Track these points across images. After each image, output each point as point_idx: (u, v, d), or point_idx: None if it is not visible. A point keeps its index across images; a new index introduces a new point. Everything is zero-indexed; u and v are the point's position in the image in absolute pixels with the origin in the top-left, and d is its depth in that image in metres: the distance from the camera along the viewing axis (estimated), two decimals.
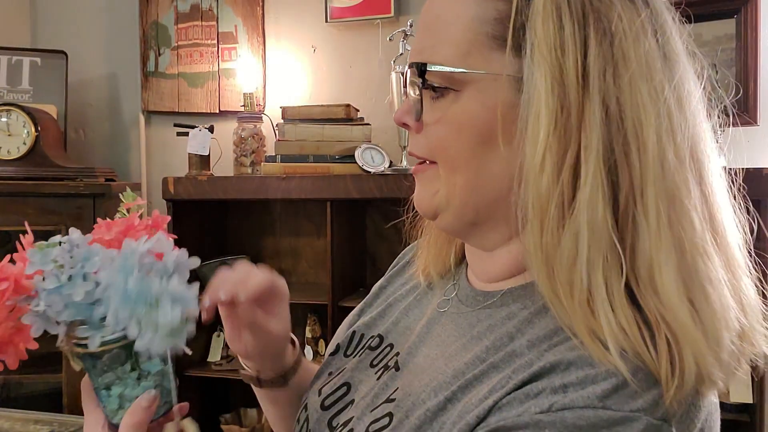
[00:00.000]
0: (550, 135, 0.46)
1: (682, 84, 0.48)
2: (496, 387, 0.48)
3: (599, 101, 0.46)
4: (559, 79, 0.46)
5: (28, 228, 0.58)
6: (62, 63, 2.17)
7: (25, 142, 1.96)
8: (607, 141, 0.46)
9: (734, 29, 1.69)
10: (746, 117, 1.66)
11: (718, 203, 0.50)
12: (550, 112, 0.46)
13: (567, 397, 0.43)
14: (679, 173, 0.46)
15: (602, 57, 0.46)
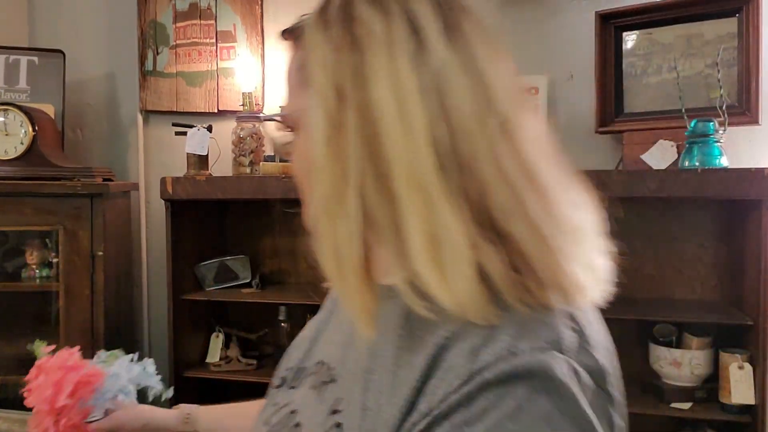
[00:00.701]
0: (324, 153, 0.52)
1: (445, 76, 0.50)
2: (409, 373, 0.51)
3: (355, 109, 0.51)
4: (324, 98, 0.52)
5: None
6: (60, 62, 2.16)
7: (23, 142, 1.95)
8: (365, 148, 0.51)
9: (736, 28, 1.68)
10: (748, 116, 1.65)
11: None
12: (320, 129, 0.52)
13: (480, 360, 0.46)
14: (426, 166, 0.49)
15: (351, 69, 0.51)
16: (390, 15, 0.52)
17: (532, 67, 1.94)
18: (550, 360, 0.46)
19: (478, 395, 0.45)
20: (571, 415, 0.45)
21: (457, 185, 0.49)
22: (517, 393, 0.45)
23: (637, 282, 1.84)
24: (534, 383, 0.45)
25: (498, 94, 0.52)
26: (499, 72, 0.53)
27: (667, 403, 1.62)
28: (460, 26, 0.53)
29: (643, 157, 1.71)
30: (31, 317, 2.22)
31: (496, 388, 0.45)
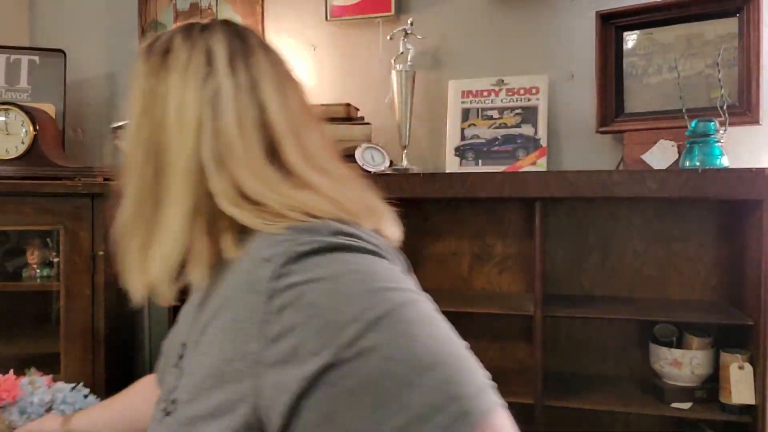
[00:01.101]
0: (129, 156, 0.73)
1: (221, 94, 0.68)
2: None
3: (150, 120, 0.70)
4: (133, 114, 0.73)
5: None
6: (61, 62, 2.16)
7: (24, 142, 1.95)
8: (151, 149, 0.69)
9: (736, 28, 1.68)
10: (748, 116, 1.65)
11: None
12: (127, 138, 0.72)
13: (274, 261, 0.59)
14: (194, 161, 0.67)
15: (154, 89, 0.71)
16: (194, 48, 0.70)
17: (532, 67, 1.94)
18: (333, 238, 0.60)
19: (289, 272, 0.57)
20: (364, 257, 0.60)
21: (220, 173, 0.65)
22: (318, 260, 0.58)
23: (637, 282, 1.84)
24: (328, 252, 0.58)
25: (271, 110, 0.69)
26: (278, 94, 0.70)
27: (668, 403, 1.62)
28: (245, 60, 0.70)
29: (644, 157, 1.71)
30: (31, 317, 2.22)
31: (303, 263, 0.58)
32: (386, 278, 0.58)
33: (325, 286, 0.55)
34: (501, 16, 1.99)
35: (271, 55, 0.74)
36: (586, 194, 1.57)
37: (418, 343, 0.52)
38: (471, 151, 1.92)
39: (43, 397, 1.52)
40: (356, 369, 0.51)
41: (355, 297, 0.54)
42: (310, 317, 0.54)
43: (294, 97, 0.73)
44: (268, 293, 0.56)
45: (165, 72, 0.69)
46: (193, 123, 0.66)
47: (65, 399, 1.56)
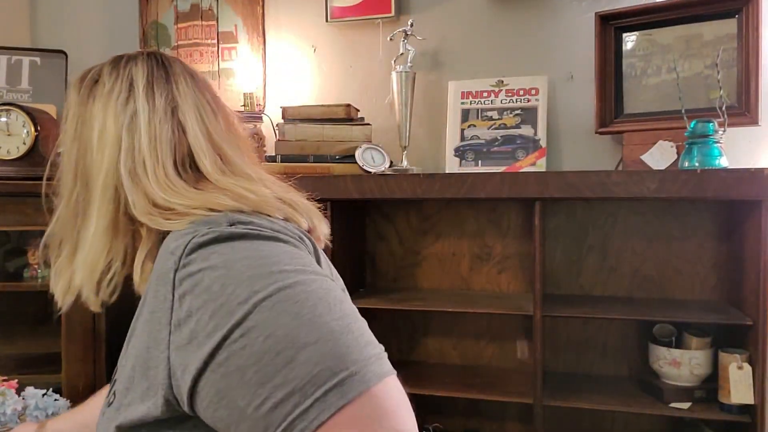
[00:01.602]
0: (62, 173, 0.83)
1: (138, 116, 0.76)
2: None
3: (78, 141, 0.79)
4: (65, 138, 0.82)
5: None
6: (62, 62, 2.17)
7: (25, 142, 1.95)
8: (78, 167, 0.80)
9: (735, 29, 1.68)
10: (747, 117, 1.65)
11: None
12: (63, 159, 0.82)
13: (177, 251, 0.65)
14: (112, 176, 0.76)
15: (82, 116, 0.79)
16: (118, 78, 0.79)
17: (532, 68, 1.95)
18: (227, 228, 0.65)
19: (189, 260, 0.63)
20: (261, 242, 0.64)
21: (135, 187, 0.73)
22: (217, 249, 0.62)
23: (637, 282, 1.85)
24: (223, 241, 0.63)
25: (189, 128, 0.77)
26: (197, 114, 0.79)
27: (667, 403, 1.62)
28: (165, 86, 0.79)
29: (643, 157, 1.71)
30: (32, 317, 2.23)
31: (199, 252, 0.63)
32: (279, 261, 0.61)
33: (219, 272, 0.59)
34: (500, 17, 2.00)
35: (197, 83, 0.83)
36: (586, 195, 1.57)
37: (300, 320, 0.56)
38: (471, 152, 1.93)
39: (16, 406, 1.61)
40: (243, 348, 0.56)
41: (245, 281, 0.58)
42: (206, 302, 0.58)
43: (217, 116, 0.82)
44: (173, 283, 0.62)
45: (92, 100, 0.78)
46: (112, 143, 0.75)
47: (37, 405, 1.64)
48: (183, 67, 0.84)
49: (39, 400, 1.65)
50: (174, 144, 0.76)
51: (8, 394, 1.66)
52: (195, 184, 0.74)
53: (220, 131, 0.81)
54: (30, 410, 1.64)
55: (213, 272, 0.60)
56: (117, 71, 0.80)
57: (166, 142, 0.75)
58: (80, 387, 1.97)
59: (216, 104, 0.83)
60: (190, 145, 0.77)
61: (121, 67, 0.81)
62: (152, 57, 0.83)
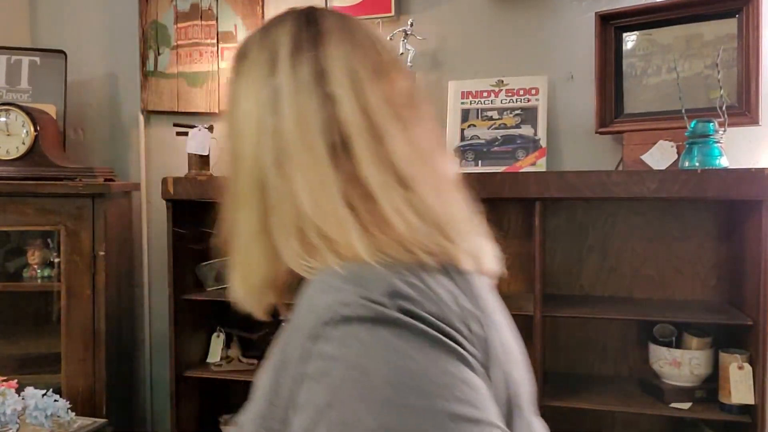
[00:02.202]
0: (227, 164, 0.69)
1: (281, 92, 0.61)
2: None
3: (229, 122, 0.66)
4: (223, 119, 0.69)
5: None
6: (61, 62, 2.17)
7: (24, 142, 1.95)
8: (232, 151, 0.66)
9: (736, 29, 1.68)
10: (748, 117, 1.65)
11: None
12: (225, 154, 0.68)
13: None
14: (263, 165, 0.61)
15: (231, 95, 0.67)
16: (261, 47, 0.65)
17: (532, 68, 1.95)
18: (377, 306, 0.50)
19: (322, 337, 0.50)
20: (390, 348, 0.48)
21: (282, 176, 0.60)
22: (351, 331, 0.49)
23: (637, 282, 1.84)
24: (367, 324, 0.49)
25: (341, 104, 0.60)
26: (352, 84, 0.61)
27: (667, 403, 1.62)
28: (312, 49, 0.62)
29: (643, 157, 1.71)
30: (32, 317, 2.23)
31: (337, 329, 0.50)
32: (429, 390, 0.47)
33: (352, 375, 0.47)
34: (501, 17, 2.00)
35: (355, 38, 0.64)
36: (586, 194, 1.57)
37: None
38: (471, 152, 1.93)
39: (16, 407, 1.62)
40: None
41: (378, 405, 0.46)
42: (328, 405, 0.48)
43: (381, 85, 0.62)
44: (302, 353, 0.51)
45: (237, 77, 0.66)
46: (255, 129, 0.62)
47: (37, 405, 1.63)
48: (339, 21, 0.66)
49: (39, 401, 1.65)
50: (326, 122, 0.59)
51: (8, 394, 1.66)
52: (350, 185, 0.58)
53: (384, 109, 0.61)
54: (30, 410, 1.64)
55: (346, 370, 0.48)
56: (263, 39, 0.65)
57: (315, 122, 0.59)
58: (80, 387, 1.97)
59: (381, 68, 0.64)
60: (340, 123, 0.59)
61: (268, 33, 0.66)
62: (301, 15, 0.66)
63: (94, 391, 1.97)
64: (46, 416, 1.64)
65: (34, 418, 1.63)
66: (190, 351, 2.01)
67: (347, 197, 0.57)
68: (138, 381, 2.36)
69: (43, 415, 1.64)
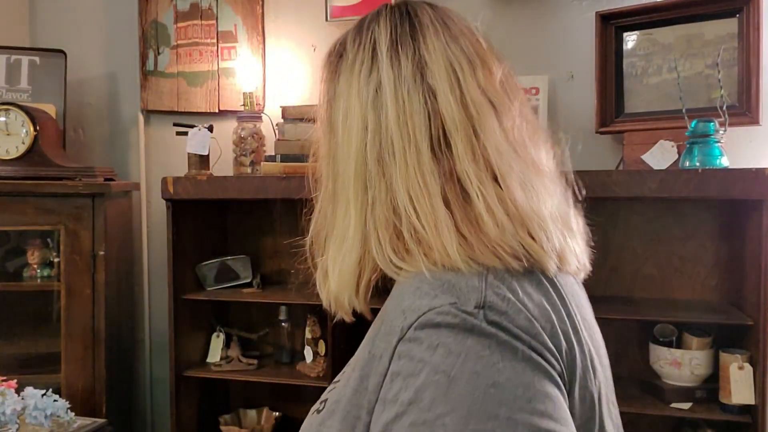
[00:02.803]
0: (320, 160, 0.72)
1: (383, 89, 0.62)
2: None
3: (326, 122, 0.69)
4: (319, 118, 0.71)
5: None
6: (61, 62, 2.17)
7: (24, 142, 1.95)
8: (329, 154, 0.68)
9: (736, 28, 1.68)
10: (748, 117, 1.65)
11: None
12: (320, 154, 0.71)
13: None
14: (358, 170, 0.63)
15: (329, 95, 0.68)
16: (360, 45, 0.65)
17: (532, 67, 1.95)
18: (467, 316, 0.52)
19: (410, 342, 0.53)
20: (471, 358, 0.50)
21: (380, 180, 0.61)
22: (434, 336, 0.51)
23: (637, 282, 1.84)
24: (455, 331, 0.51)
25: (440, 97, 0.61)
26: (450, 76, 0.62)
27: (667, 403, 1.62)
28: (412, 43, 0.63)
29: (644, 157, 1.71)
30: (32, 317, 2.22)
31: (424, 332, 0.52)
32: (513, 403, 0.49)
33: (438, 380, 0.50)
34: (501, 17, 1.99)
35: (451, 30, 0.65)
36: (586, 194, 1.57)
37: None
38: None
39: (15, 406, 1.62)
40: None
41: (461, 412, 0.48)
42: (411, 406, 0.50)
43: (478, 76, 0.63)
44: (394, 349, 0.54)
45: (336, 77, 0.67)
46: (358, 127, 0.63)
47: (36, 405, 1.64)
48: (434, 12, 0.67)
49: (38, 401, 1.65)
50: (428, 117, 0.60)
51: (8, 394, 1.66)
52: (448, 183, 0.59)
53: (479, 101, 0.61)
54: (29, 410, 1.64)
55: (432, 374, 0.50)
56: (360, 37, 0.66)
57: (417, 117, 0.60)
58: (80, 387, 1.97)
59: (479, 54, 0.65)
60: (442, 117, 0.60)
61: (364, 30, 0.67)
62: (396, 9, 0.67)
63: (94, 390, 1.97)
64: (45, 416, 1.64)
65: (34, 418, 1.63)
66: (190, 351, 2.01)
67: (446, 195, 0.58)
68: (138, 381, 2.36)
69: (42, 415, 1.64)
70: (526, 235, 0.57)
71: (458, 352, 0.50)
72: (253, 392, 2.13)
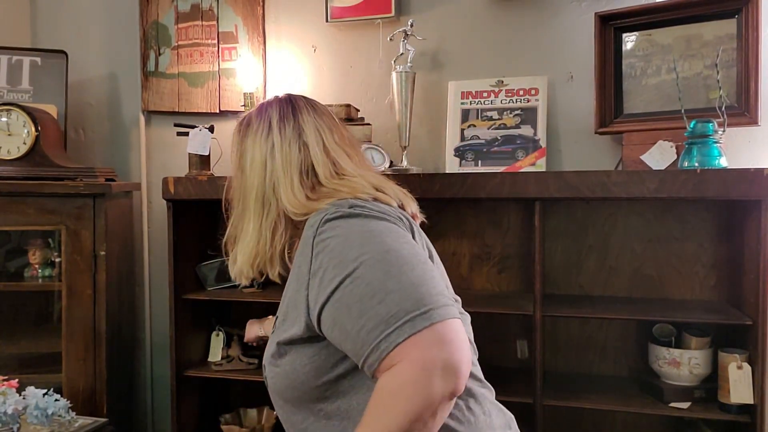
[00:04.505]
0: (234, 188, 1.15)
1: (275, 146, 1.07)
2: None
3: (239, 169, 1.12)
4: (234, 165, 1.15)
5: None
6: (62, 63, 2.17)
7: (25, 142, 1.96)
8: (240, 185, 1.11)
9: (735, 29, 1.68)
10: (747, 117, 1.66)
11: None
12: (234, 186, 1.14)
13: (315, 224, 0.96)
14: (260, 189, 1.08)
15: (241, 151, 1.12)
16: (261, 119, 1.10)
17: (532, 68, 1.95)
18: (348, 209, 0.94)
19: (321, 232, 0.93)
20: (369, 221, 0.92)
21: (276, 195, 1.06)
22: (336, 223, 0.92)
23: (637, 282, 1.85)
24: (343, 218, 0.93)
25: (311, 147, 1.07)
26: (316, 135, 1.08)
27: (666, 402, 1.62)
28: (293, 118, 1.09)
29: (643, 157, 1.72)
30: (33, 317, 2.23)
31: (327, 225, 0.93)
32: (381, 233, 0.88)
33: (340, 239, 0.88)
34: (500, 18, 2.00)
35: (316, 110, 1.12)
36: (585, 194, 1.57)
37: (389, 274, 0.82)
38: (471, 152, 1.93)
39: (17, 406, 1.65)
40: (351, 291, 0.83)
41: (357, 246, 0.86)
42: (330, 258, 0.87)
43: (332, 132, 1.11)
44: (312, 245, 0.91)
45: (245, 138, 1.10)
46: (259, 168, 1.06)
47: (38, 405, 1.66)
48: (305, 101, 1.13)
49: (39, 400, 1.65)
50: (301, 160, 1.05)
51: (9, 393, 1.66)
52: (311, 190, 1.04)
53: (333, 144, 1.09)
54: (30, 410, 1.64)
55: (336, 239, 0.89)
56: (260, 115, 1.10)
57: (294, 161, 1.05)
58: (80, 386, 1.98)
59: (332, 123, 1.12)
60: (312, 160, 1.06)
61: (263, 111, 1.11)
62: (283, 100, 1.12)
63: (95, 390, 1.98)
64: (46, 416, 1.65)
65: (35, 418, 1.64)
66: (191, 350, 2.01)
67: (309, 196, 1.03)
68: (138, 380, 2.37)
69: (43, 414, 1.64)
70: (379, 192, 1.02)
71: (346, 224, 0.90)
72: (254, 392, 2.13)
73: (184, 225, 1.96)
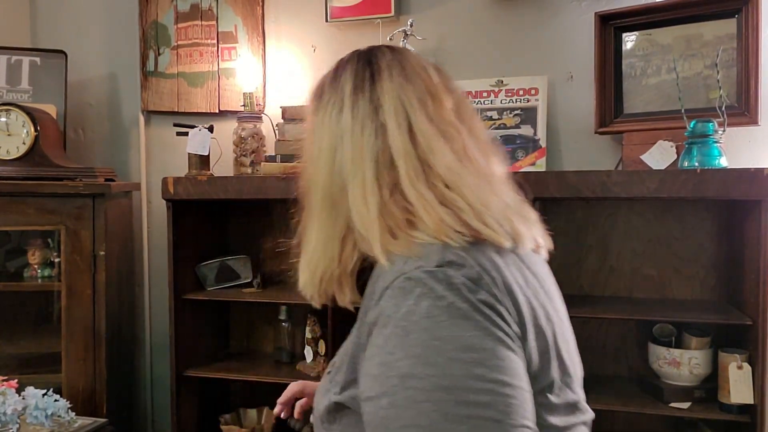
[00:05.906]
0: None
1: (345, 128, 0.77)
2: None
3: (308, 151, 0.83)
4: (308, 143, 0.84)
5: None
6: (62, 63, 2.17)
7: (25, 142, 1.95)
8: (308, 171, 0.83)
9: (735, 29, 1.68)
10: (747, 117, 1.65)
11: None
12: (304, 174, 0.84)
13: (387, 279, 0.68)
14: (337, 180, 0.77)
15: (311, 128, 0.83)
16: (333, 89, 0.81)
17: (532, 68, 1.95)
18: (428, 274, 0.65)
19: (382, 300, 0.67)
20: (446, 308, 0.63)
21: (343, 208, 0.76)
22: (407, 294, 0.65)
23: (637, 282, 1.85)
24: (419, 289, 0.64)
25: (389, 132, 0.74)
26: (398, 115, 0.75)
27: (666, 402, 1.62)
28: (369, 87, 0.78)
29: (643, 157, 1.71)
30: (33, 317, 2.23)
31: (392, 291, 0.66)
32: (453, 354, 0.61)
33: (398, 331, 0.64)
34: (500, 18, 2.00)
35: (406, 72, 0.80)
36: (586, 194, 1.57)
37: (448, 417, 0.59)
38: None
39: (16, 406, 1.64)
40: (384, 416, 0.63)
41: (412, 356, 0.62)
42: (378, 352, 0.65)
43: (422, 106, 0.76)
44: (379, 299, 0.67)
45: (316, 112, 0.82)
46: (326, 158, 0.77)
47: (37, 405, 1.65)
48: (392, 56, 0.82)
49: (39, 400, 1.65)
50: (377, 150, 0.74)
51: (9, 394, 1.66)
52: (390, 194, 0.73)
53: (424, 124, 0.75)
54: (30, 410, 1.64)
55: (394, 327, 0.64)
56: (335, 81, 0.82)
57: (368, 151, 0.74)
58: (80, 387, 1.97)
59: (427, 91, 0.78)
60: (390, 148, 0.74)
61: (338, 75, 0.82)
62: (361, 57, 0.83)
63: (95, 390, 1.97)
64: (46, 416, 1.65)
65: (35, 418, 1.64)
66: (190, 351, 2.01)
67: (383, 208, 0.72)
68: (138, 380, 2.36)
69: (43, 414, 1.64)
70: (479, 223, 0.70)
71: (416, 308, 0.63)
72: (253, 392, 2.13)
73: (184, 225, 1.96)
